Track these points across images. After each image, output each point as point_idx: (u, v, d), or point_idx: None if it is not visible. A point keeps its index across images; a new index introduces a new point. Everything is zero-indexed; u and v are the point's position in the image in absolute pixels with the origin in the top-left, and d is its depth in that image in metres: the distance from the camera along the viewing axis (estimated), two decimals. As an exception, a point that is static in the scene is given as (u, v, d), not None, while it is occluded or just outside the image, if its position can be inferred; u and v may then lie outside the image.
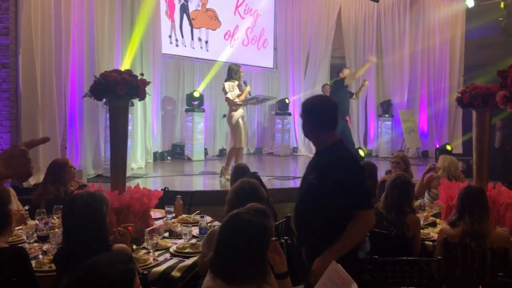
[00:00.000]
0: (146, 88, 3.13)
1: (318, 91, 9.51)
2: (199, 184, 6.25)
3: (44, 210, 2.96)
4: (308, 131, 2.41)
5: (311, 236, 2.32)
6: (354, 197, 2.19)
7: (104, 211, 2.16)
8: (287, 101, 9.90)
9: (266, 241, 1.62)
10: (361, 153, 6.12)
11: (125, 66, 6.31)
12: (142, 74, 3.07)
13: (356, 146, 6.84)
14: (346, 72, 7.29)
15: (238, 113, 6.09)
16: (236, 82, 6.04)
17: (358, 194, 2.21)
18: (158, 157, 8.22)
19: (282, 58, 10.54)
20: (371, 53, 10.41)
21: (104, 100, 3.32)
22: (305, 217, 2.37)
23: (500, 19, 8.54)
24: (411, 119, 10.15)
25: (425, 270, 2.40)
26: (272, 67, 10.63)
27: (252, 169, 3.89)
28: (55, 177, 3.52)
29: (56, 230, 2.73)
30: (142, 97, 2.99)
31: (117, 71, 3.00)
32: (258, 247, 1.59)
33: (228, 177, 5.47)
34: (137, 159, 7.21)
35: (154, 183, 5.93)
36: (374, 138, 10.55)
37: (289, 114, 9.97)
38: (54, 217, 3.04)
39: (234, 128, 6.10)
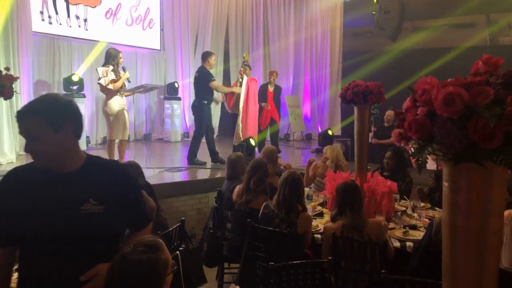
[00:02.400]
0: (14, 83, 2.72)
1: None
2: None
3: None
4: (62, 145, 1.59)
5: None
6: (138, 215, 1.82)
7: None
8: (176, 85, 9.61)
9: (161, 277, 1.47)
10: (252, 142, 6.21)
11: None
12: (7, 69, 2.65)
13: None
14: (213, 59, 6.49)
15: (115, 101, 5.52)
16: (111, 67, 5.54)
17: (140, 211, 1.85)
18: (32, 148, 7.35)
19: (169, 40, 10.11)
20: (258, 38, 10.61)
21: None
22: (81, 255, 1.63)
23: (374, 12, 9.29)
24: (297, 105, 10.65)
25: (317, 271, 2.51)
26: (159, 48, 10.15)
27: (140, 158, 3.62)
28: None
29: None
30: (8, 96, 2.59)
31: (-25, 65, 2.54)
32: (154, 286, 1.46)
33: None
34: (5, 153, 6.34)
35: (28, 182, 5.27)
36: (262, 123, 10.86)
37: (179, 98, 9.71)
38: None
39: (109, 118, 5.55)
